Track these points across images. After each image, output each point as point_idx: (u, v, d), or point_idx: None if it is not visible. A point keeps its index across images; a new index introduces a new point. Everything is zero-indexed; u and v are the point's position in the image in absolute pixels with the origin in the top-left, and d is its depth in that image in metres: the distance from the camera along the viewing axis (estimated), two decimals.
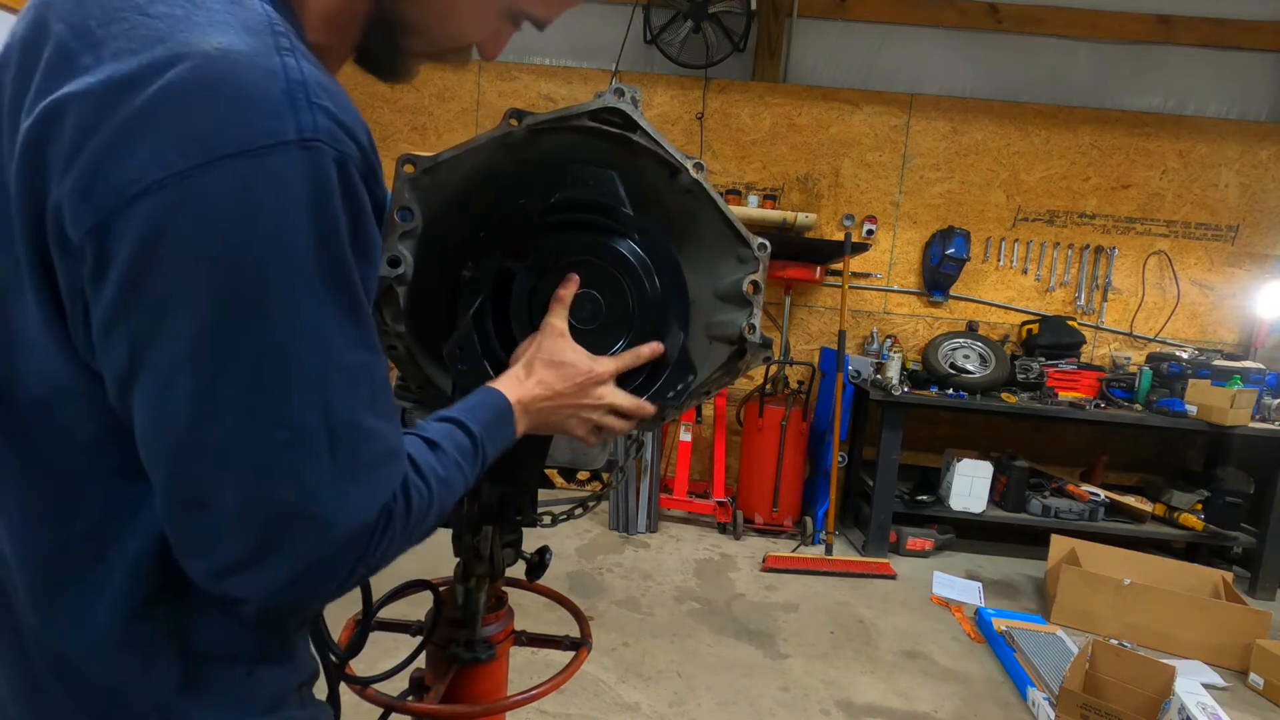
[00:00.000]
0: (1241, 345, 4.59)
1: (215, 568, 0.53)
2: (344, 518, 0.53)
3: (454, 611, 1.24)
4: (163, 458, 0.51)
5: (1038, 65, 4.57)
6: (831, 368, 4.28)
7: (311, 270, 0.50)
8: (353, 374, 0.53)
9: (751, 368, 1.01)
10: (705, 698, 2.66)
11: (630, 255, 0.92)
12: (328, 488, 0.52)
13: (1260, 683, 3.01)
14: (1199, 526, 3.97)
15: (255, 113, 0.47)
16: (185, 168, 0.46)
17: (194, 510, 0.51)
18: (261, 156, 0.47)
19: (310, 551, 0.53)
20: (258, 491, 0.51)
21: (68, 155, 0.48)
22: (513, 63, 4.66)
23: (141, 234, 0.46)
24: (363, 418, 0.54)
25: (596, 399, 0.87)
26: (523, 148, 0.89)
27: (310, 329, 0.50)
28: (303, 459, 0.51)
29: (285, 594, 0.54)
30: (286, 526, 0.52)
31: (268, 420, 0.50)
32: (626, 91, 0.89)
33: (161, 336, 0.48)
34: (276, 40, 0.50)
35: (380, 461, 0.56)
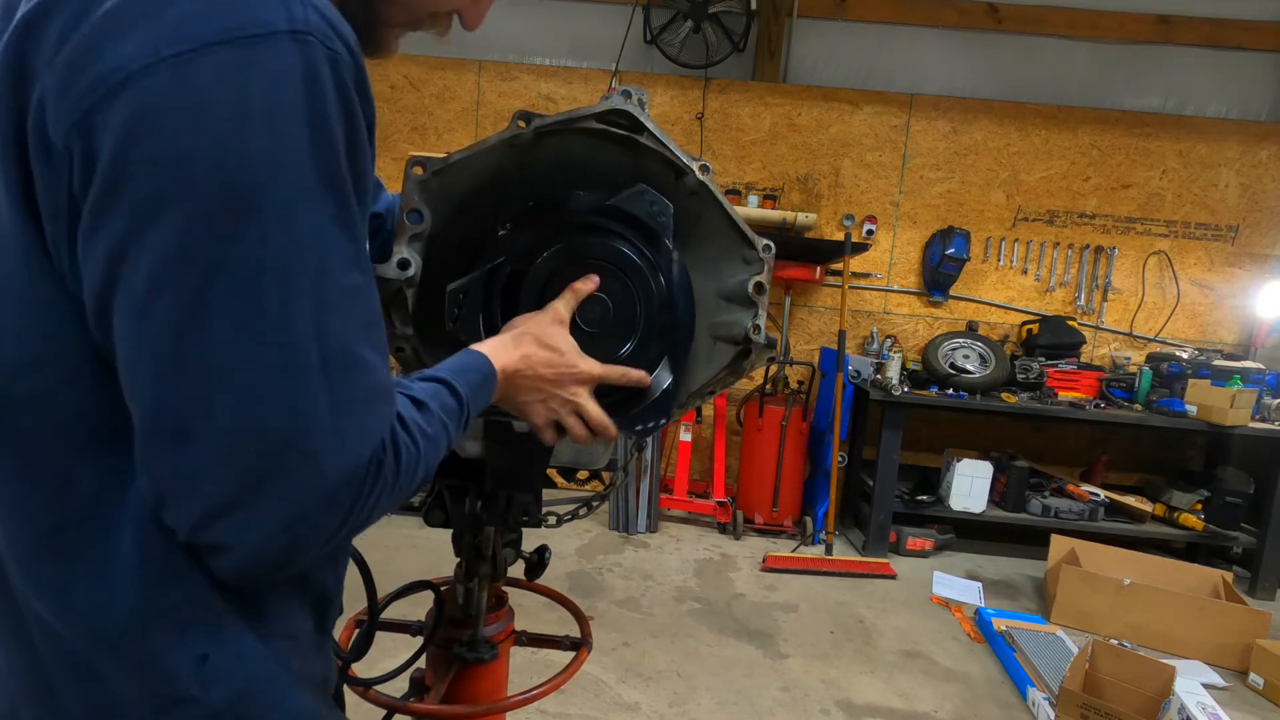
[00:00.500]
0: (1241, 345, 4.59)
1: (197, 512, 0.49)
2: (338, 455, 0.50)
3: (455, 611, 1.25)
4: (143, 382, 0.48)
5: (1038, 65, 4.57)
6: (831, 368, 4.28)
7: (308, 173, 0.47)
8: (349, 296, 0.50)
9: (756, 367, 1.02)
10: (705, 698, 2.66)
11: (655, 284, 0.94)
12: (322, 418, 0.49)
13: (1260, 683, 3.01)
14: (1199, 526, 3.97)
15: (247, 4, 0.45)
16: (172, 54, 0.43)
17: (176, 444, 0.48)
18: (253, 45, 0.44)
19: (302, 492, 0.49)
20: (247, 418, 0.47)
21: (51, 53, 0.45)
22: (513, 62, 4.66)
23: (125, 125, 0.44)
24: (357, 346, 0.51)
25: (570, 395, 0.86)
26: (529, 149, 0.89)
27: (306, 238, 0.47)
28: (296, 383, 0.48)
29: (271, 543, 0.50)
30: (277, 461, 0.48)
31: (259, 337, 0.46)
32: (633, 94, 0.90)
33: (143, 241, 0.45)
34: None
35: (374, 397, 0.53)
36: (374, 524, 0.60)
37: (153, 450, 0.49)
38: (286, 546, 0.51)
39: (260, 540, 0.50)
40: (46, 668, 0.56)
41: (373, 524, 0.59)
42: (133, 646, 0.54)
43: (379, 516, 0.58)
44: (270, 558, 0.51)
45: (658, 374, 0.96)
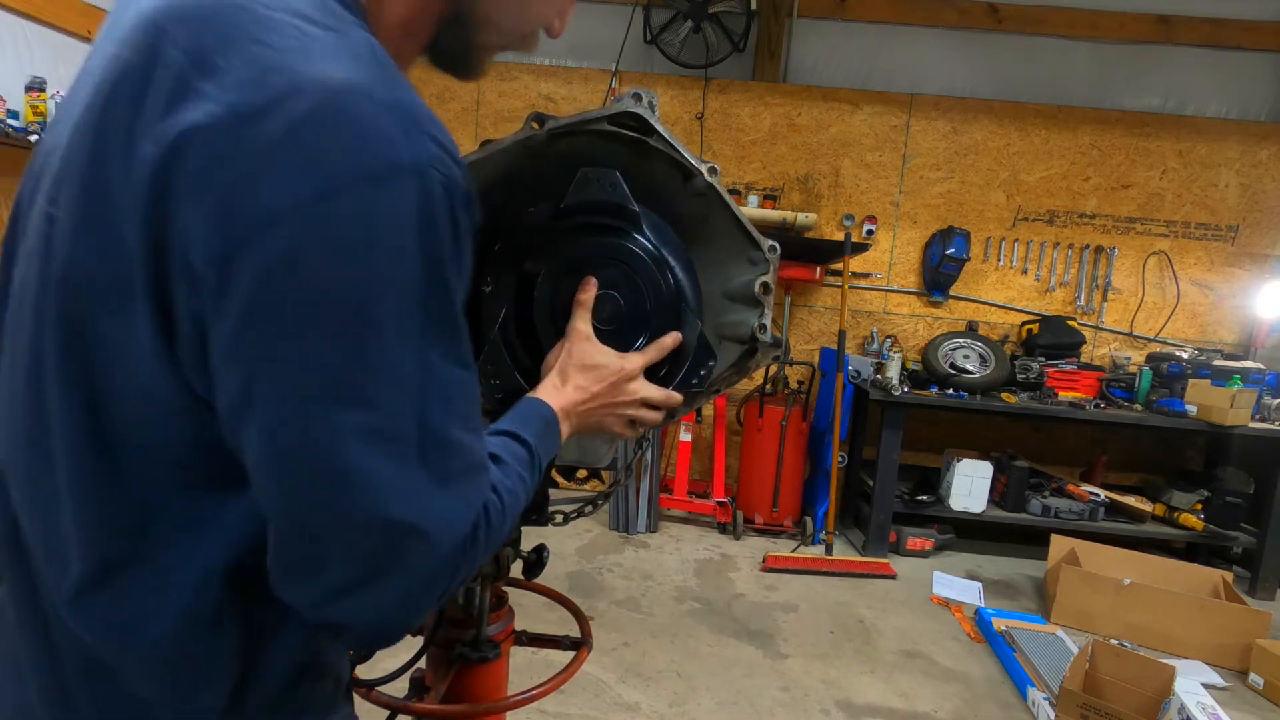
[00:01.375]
0: (1241, 345, 4.59)
1: (323, 592, 0.53)
2: (447, 532, 0.55)
3: (456, 611, 1.24)
4: (275, 484, 0.51)
5: (1038, 65, 4.57)
6: (831, 368, 4.28)
7: (419, 290, 0.51)
8: (455, 389, 0.55)
9: (761, 366, 1.03)
10: (705, 698, 2.66)
11: (643, 252, 0.93)
12: (435, 503, 0.54)
13: (1260, 683, 3.01)
14: (1199, 526, 3.97)
15: (375, 142, 0.49)
16: (312, 196, 0.47)
17: (305, 534, 0.52)
18: (382, 183, 0.49)
19: (419, 568, 0.54)
20: (370, 511, 0.51)
21: (195, 185, 0.48)
22: (513, 63, 4.66)
23: (268, 262, 0.48)
24: (462, 434, 0.56)
25: (630, 394, 0.90)
26: (541, 150, 0.90)
27: (418, 351, 0.52)
28: (412, 476, 0.52)
29: (389, 618, 0.55)
30: (398, 544, 0.52)
31: (378, 438, 0.51)
32: (644, 96, 0.90)
33: (277, 361, 0.49)
34: (384, 71, 0.53)
35: (474, 472, 0.58)
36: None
37: (284, 539, 0.53)
38: (402, 618, 0.56)
39: (379, 616, 0.55)
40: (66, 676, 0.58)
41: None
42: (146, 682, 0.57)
43: (479, 564, 0.63)
44: (387, 630, 0.57)
45: (685, 324, 0.96)
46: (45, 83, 3.20)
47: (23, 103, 3.19)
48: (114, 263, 0.52)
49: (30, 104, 3.17)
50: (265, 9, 0.51)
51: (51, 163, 0.58)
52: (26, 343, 0.57)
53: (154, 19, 0.53)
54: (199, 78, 0.50)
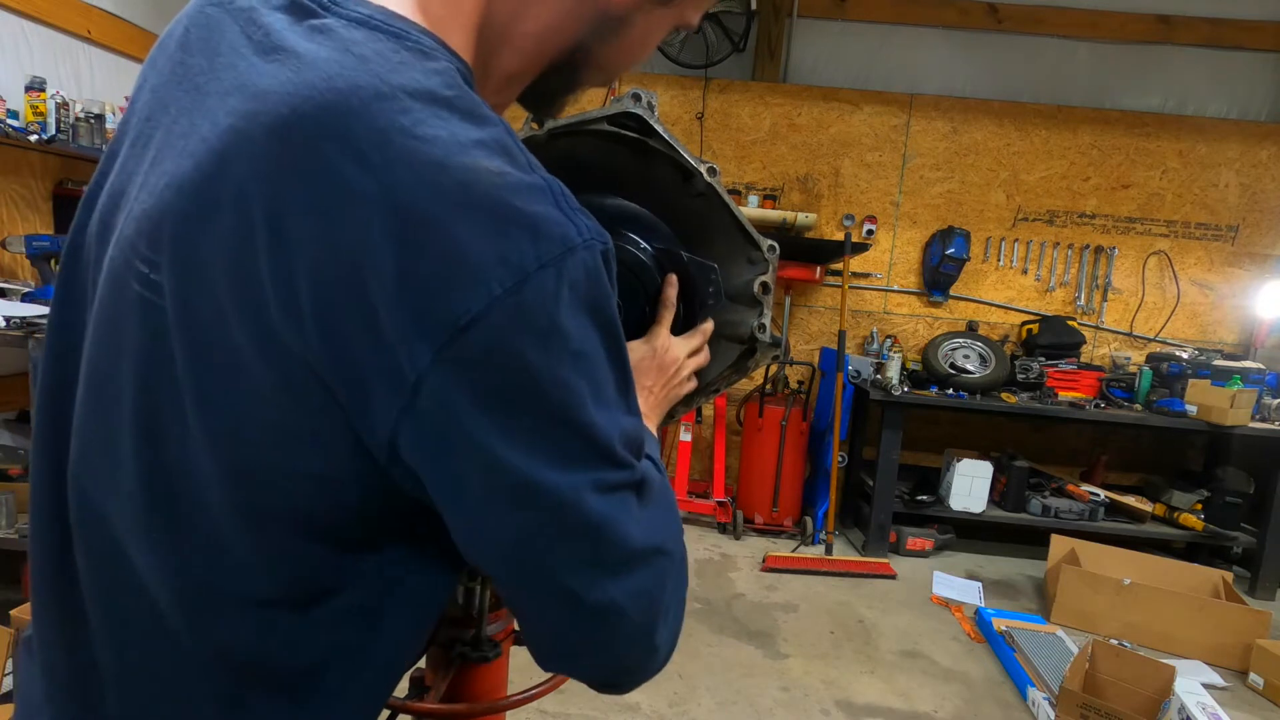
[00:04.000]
0: (1241, 345, 4.59)
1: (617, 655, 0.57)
2: (675, 541, 0.60)
3: (456, 611, 1.24)
4: (526, 571, 0.55)
5: (1038, 65, 4.57)
6: (831, 368, 4.28)
7: (603, 359, 0.54)
8: (630, 435, 0.57)
9: (760, 366, 1.03)
10: (705, 698, 2.66)
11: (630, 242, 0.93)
12: (655, 523, 0.58)
13: (1260, 683, 3.01)
14: (1199, 526, 3.97)
15: (546, 226, 0.50)
16: (503, 291, 0.48)
17: (571, 604, 0.55)
18: (559, 264, 0.50)
19: (675, 583, 0.59)
20: (623, 549, 0.55)
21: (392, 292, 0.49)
22: None
23: (472, 360, 0.49)
24: (643, 467, 0.59)
25: (674, 362, 0.93)
26: (539, 150, 0.90)
27: (611, 409, 0.55)
28: (634, 509, 0.56)
29: (671, 640, 0.60)
30: (648, 570, 0.56)
31: (604, 486, 0.54)
32: (643, 96, 0.90)
33: (495, 447, 0.50)
34: (525, 157, 0.54)
35: (665, 492, 0.62)
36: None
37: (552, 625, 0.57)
38: (674, 638, 0.61)
39: (666, 647, 0.60)
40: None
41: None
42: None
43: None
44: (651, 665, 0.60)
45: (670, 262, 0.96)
46: (45, 83, 3.20)
47: (23, 103, 3.18)
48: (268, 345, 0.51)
49: (30, 104, 3.17)
50: (404, 92, 0.50)
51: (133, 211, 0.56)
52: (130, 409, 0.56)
53: (297, 106, 0.50)
54: (366, 180, 0.48)
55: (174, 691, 0.58)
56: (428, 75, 0.52)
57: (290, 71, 0.51)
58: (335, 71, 0.50)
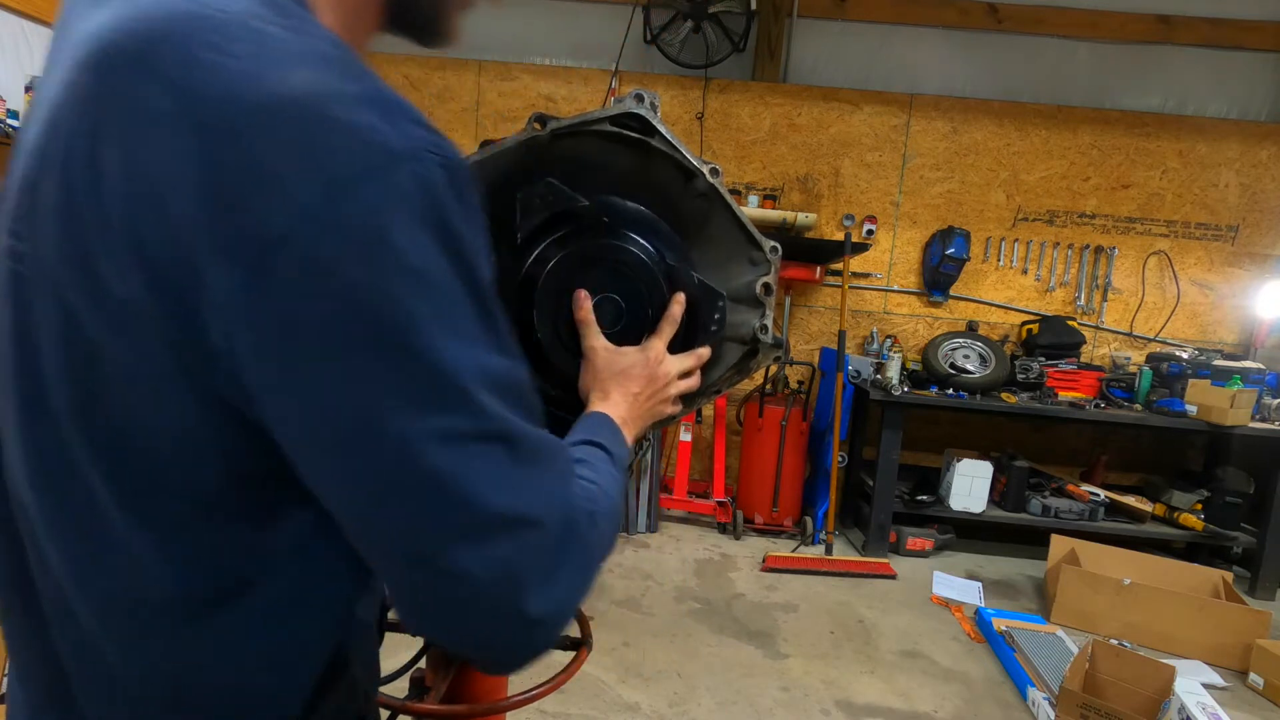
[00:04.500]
0: (1241, 345, 4.59)
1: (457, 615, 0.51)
2: (554, 511, 0.54)
3: None
4: (369, 516, 0.50)
5: (1038, 65, 4.57)
6: (831, 368, 4.28)
7: (449, 280, 0.49)
8: (500, 379, 0.52)
9: (762, 366, 1.03)
10: (705, 698, 2.66)
11: (610, 239, 0.93)
12: (529, 486, 0.52)
13: (1260, 683, 3.01)
14: (1199, 526, 3.97)
15: (366, 135, 0.47)
16: (319, 202, 0.45)
17: (418, 562, 0.50)
18: (384, 175, 0.46)
19: (544, 558, 0.53)
20: (476, 512, 0.49)
21: (192, 211, 0.45)
22: (513, 63, 4.66)
23: (288, 282, 0.45)
24: (517, 418, 0.53)
25: (666, 376, 0.92)
26: (542, 150, 0.90)
27: (461, 340, 0.49)
28: (501, 467, 0.51)
29: (537, 624, 0.53)
30: (509, 539, 0.51)
31: (457, 438, 0.49)
32: (646, 97, 0.90)
33: (323, 384, 0.47)
34: (351, 65, 0.50)
35: (552, 454, 0.56)
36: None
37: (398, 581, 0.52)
38: (569, 604, 0.55)
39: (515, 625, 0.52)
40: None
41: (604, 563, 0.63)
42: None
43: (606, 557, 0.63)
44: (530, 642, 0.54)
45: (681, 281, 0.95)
46: None
47: (23, 102, 3.19)
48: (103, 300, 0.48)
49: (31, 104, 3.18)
50: (220, 13, 0.48)
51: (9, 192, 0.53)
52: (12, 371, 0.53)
53: (108, 38, 0.48)
54: (164, 99, 0.46)
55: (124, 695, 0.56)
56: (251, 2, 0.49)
57: (111, 11, 0.50)
58: (152, 3, 0.49)
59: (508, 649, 0.54)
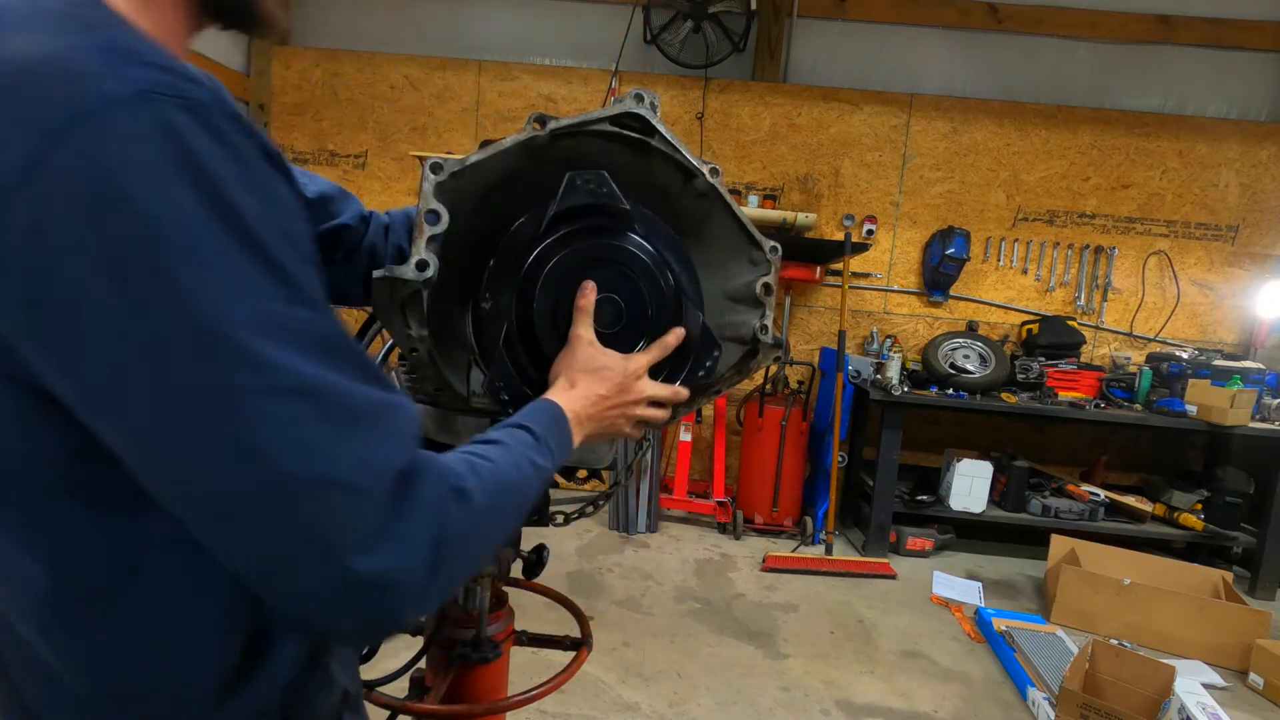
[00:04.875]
0: (1241, 345, 4.59)
1: (261, 580, 0.50)
2: (368, 474, 0.49)
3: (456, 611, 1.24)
4: (153, 475, 0.48)
5: (1038, 65, 4.57)
6: (831, 368, 4.28)
7: (203, 224, 0.45)
8: (295, 331, 0.49)
9: (762, 366, 1.03)
10: (705, 698, 2.66)
11: (638, 250, 0.93)
12: (328, 445, 0.48)
13: (1260, 683, 3.01)
14: (1199, 526, 3.97)
15: (78, 86, 0.44)
16: (26, 164, 0.43)
17: (220, 521, 0.48)
18: (99, 120, 0.43)
19: (355, 524, 0.48)
20: (266, 474, 0.47)
21: None
22: (513, 62, 4.65)
23: (17, 246, 0.43)
24: (326, 373, 0.50)
25: (637, 394, 0.90)
26: (541, 150, 0.90)
27: (226, 290, 0.46)
28: (283, 426, 0.47)
29: (364, 590, 0.49)
30: (312, 504, 0.47)
31: (222, 395, 0.46)
32: (645, 97, 0.90)
33: (84, 347, 0.45)
34: (85, 21, 0.48)
35: (377, 411, 0.52)
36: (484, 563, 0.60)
37: (206, 538, 0.50)
38: (369, 591, 0.50)
39: (344, 591, 0.49)
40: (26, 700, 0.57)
41: (483, 560, 0.59)
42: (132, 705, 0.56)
43: (483, 549, 0.58)
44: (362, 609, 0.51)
45: (687, 317, 0.96)
46: None
47: None
48: None
49: None
50: None
51: None
52: None
53: None
54: None
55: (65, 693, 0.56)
56: None
57: None
58: None
59: (332, 613, 0.50)
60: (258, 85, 4.66)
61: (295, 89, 4.68)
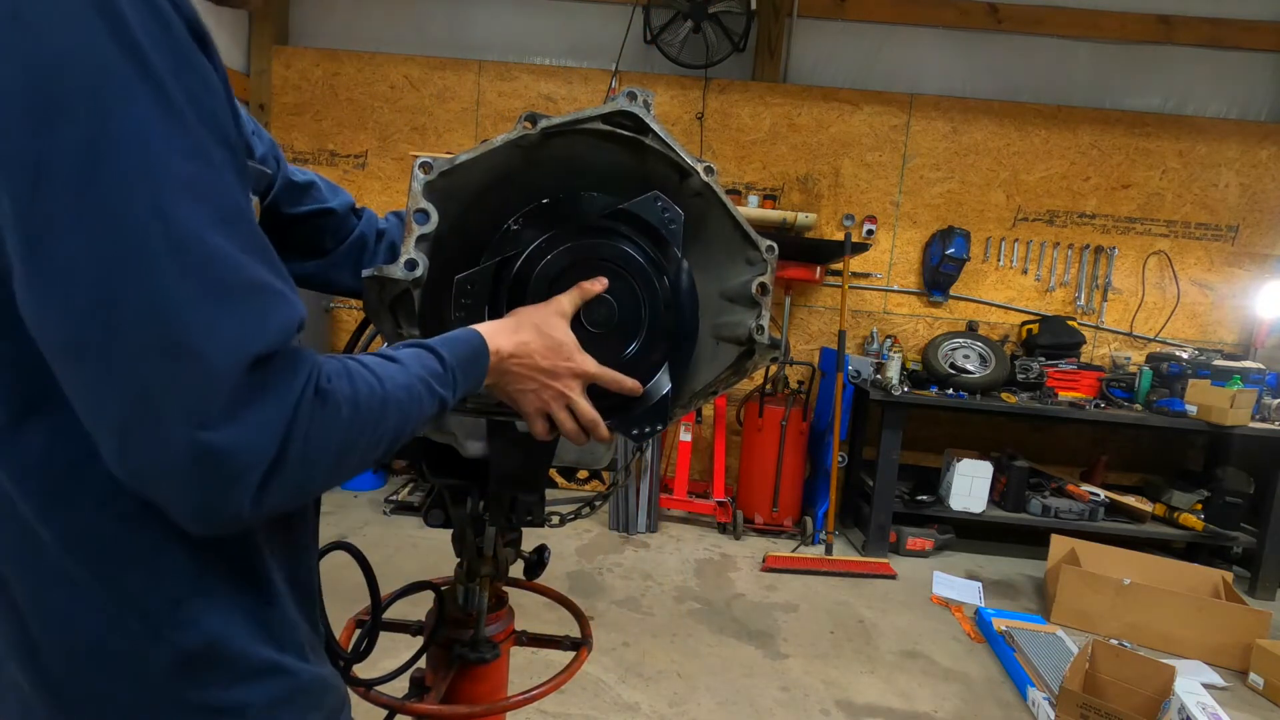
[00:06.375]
0: (1241, 345, 4.59)
1: (111, 441, 0.49)
2: (220, 348, 0.48)
3: (456, 611, 1.25)
4: (24, 305, 0.48)
5: (1038, 65, 4.57)
6: (831, 368, 4.28)
7: (111, 63, 0.46)
8: (188, 183, 0.48)
9: (759, 368, 1.03)
10: (705, 698, 2.66)
11: (661, 289, 0.95)
12: (186, 307, 0.47)
13: (1260, 683, 3.01)
14: (1199, 526, 3.97)
15: None
16: None
17: (72, 362, 0.48)
18: None
19: (199, 394, 0.47)
20: (108, 317, 0.46)
21: None
22: (513, 62, 4.65)
23: None
24: (211, 236, 0.49)
25: (563, 387, 0.86)
26: (535, 150, 0.90)
27: (126, 127, 0.46)
28: (148, 273, 0.46)
29: (202, 464, 0.48)
30: (157, 364, 0.47)
31: (99, 228, 0.45)
32: (639, 95, 0.90)
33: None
34: None
35: (253, 291, 0.51)
36: (344, 474, 0.58)
37: (63, 384, 0.50)
38: (208, 467, 0.48)
39: (178, 462, 0.48)
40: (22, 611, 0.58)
41: (337, 470, 0.56)
42: (111, 581, 0.57)
43: (337, 458, 0.56)
44: (201, 486, 0.49)
45: (658, 379, 0.97)
46: None
47: None
48: None
49: None
50: None
51: None
52: None
53: None
54: None
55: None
56: None
57: None
58: None
59: (161, 481, 0.49)
60: (258, 85, 4.66)
61: (295, 89, 4.68)
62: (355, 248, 1.04)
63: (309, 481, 0.55)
